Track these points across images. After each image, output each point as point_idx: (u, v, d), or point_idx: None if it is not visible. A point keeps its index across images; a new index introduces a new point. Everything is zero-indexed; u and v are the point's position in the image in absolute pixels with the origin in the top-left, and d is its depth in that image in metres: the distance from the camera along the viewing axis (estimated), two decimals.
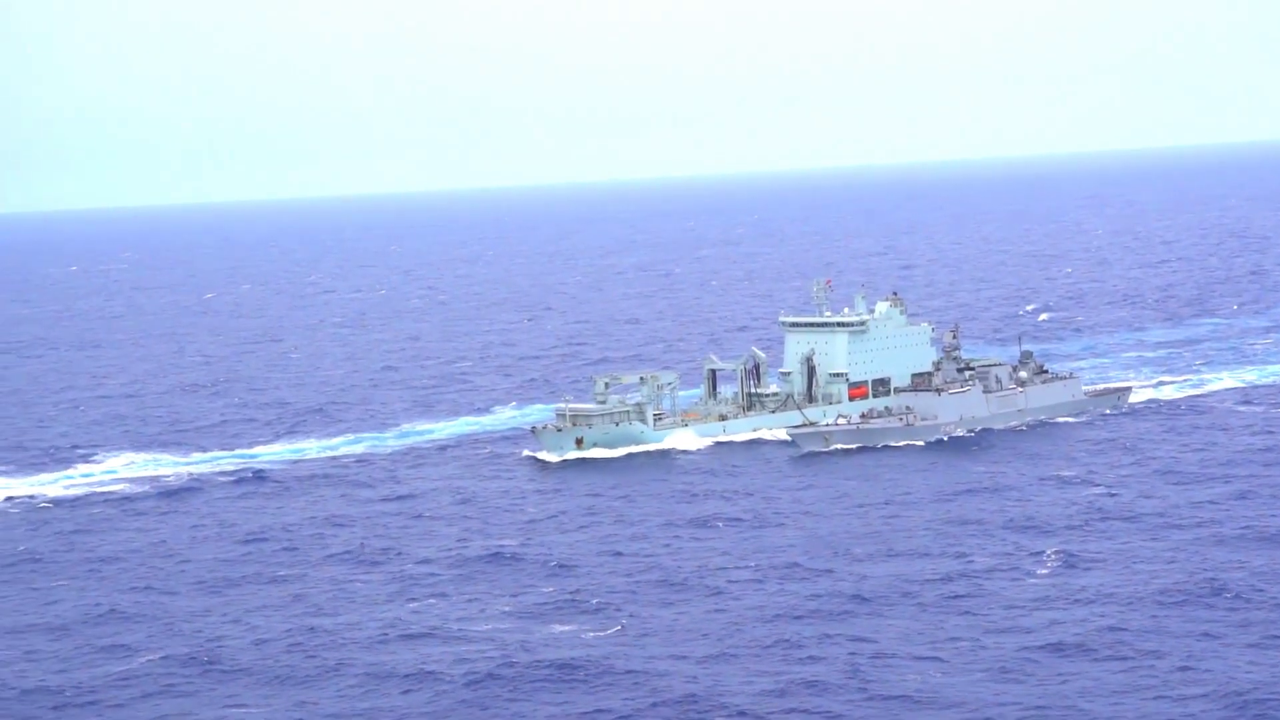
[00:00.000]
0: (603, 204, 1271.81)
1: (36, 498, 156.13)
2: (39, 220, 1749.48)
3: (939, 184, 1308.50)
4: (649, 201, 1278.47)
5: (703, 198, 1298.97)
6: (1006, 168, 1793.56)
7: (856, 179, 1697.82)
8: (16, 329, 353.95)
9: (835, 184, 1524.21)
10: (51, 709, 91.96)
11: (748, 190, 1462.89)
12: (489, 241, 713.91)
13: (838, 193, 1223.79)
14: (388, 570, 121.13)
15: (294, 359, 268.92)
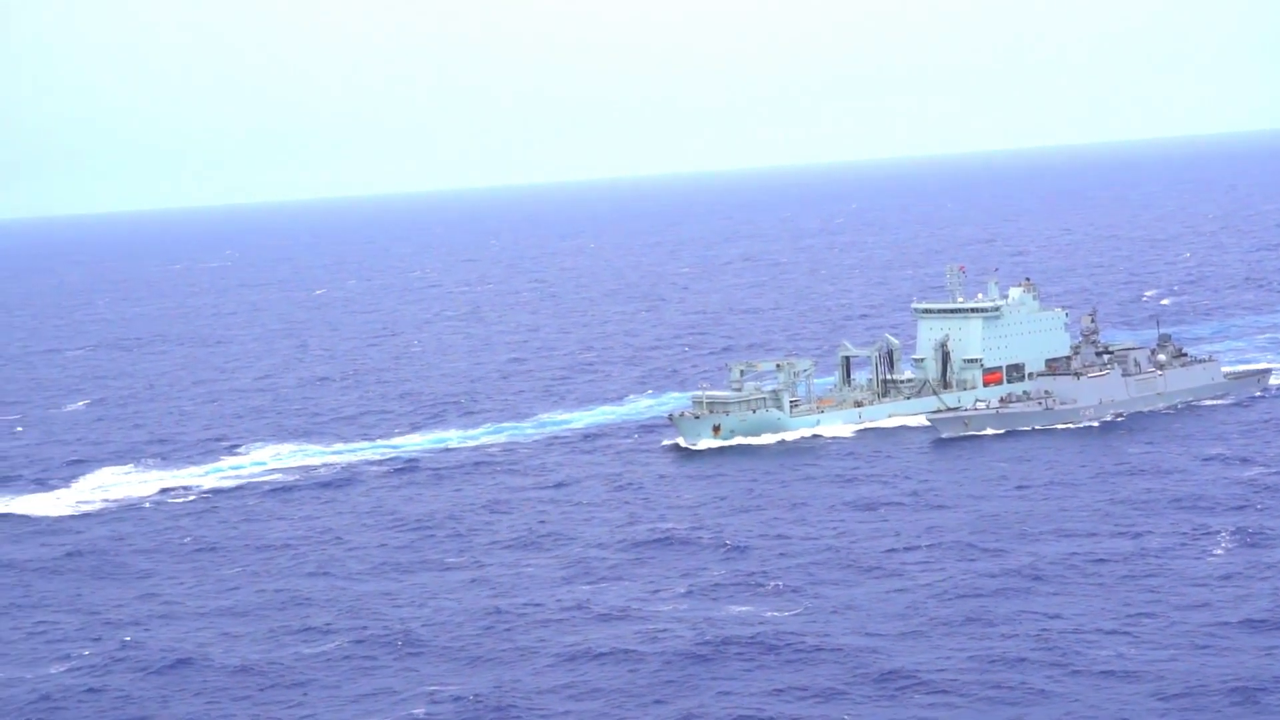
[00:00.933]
0: (692, 196, 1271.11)
1: (192, 489, 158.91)
2: (110, 221, 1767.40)
3: (1023, 171, 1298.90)
4: (740, 193, 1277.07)
5: (790, 189, 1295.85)
6: (1087, 154, 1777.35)
7: (942, 168, 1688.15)
8: (134, 326, 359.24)
9: (923, 173, 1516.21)
10: (259, 689, 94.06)
11: (837, 181, 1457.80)
12: (586, 234, 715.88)
13: (928, 181, 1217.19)
14: (559, 554, 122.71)
15: (416, 352, 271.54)
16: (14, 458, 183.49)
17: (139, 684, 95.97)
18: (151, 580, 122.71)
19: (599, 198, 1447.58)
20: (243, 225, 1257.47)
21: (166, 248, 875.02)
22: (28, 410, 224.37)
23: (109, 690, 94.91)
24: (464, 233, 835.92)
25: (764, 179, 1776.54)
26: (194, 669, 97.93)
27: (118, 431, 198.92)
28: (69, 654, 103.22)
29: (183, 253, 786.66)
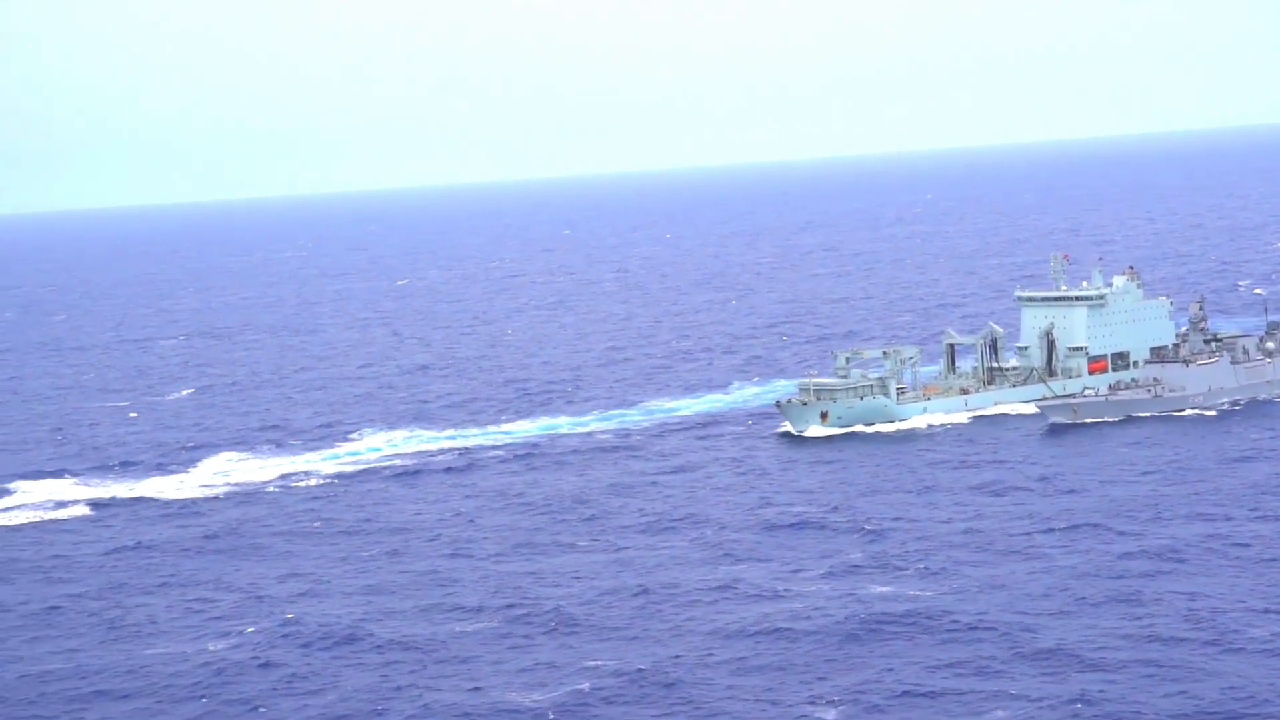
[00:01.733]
0: (759, 186, 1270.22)
1: (312, 474, 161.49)
2: (171, 214, 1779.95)
3: (1092, 161, 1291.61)
4: (808, 183, 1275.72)
5: (858, 179, 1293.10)
6: (1151, 143, 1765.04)
7: (1007, 157, 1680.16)
8: (223, 316, 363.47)
9: (987, 162, 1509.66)
10: (424, 664, 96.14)
11: (905, 171, 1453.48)
12: (658, 225, 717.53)
13: (996, 171, 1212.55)
14: (694, 537, 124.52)
15: (511, 340, 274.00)
16: (131, 443, 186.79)
17: (307, 658, 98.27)
18: (293, 560, 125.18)
19: (662, 189, 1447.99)
20: (301, 217, 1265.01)
21: (235, 239, 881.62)
22: (135, 397, 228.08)
23: (280, 665, 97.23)
24: (535, 223, 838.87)
25: (829, 169, 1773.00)
26: (357, 645, 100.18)
27: (228, 418, 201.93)
28: (230, 630, 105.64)
29: (253, 244, 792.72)
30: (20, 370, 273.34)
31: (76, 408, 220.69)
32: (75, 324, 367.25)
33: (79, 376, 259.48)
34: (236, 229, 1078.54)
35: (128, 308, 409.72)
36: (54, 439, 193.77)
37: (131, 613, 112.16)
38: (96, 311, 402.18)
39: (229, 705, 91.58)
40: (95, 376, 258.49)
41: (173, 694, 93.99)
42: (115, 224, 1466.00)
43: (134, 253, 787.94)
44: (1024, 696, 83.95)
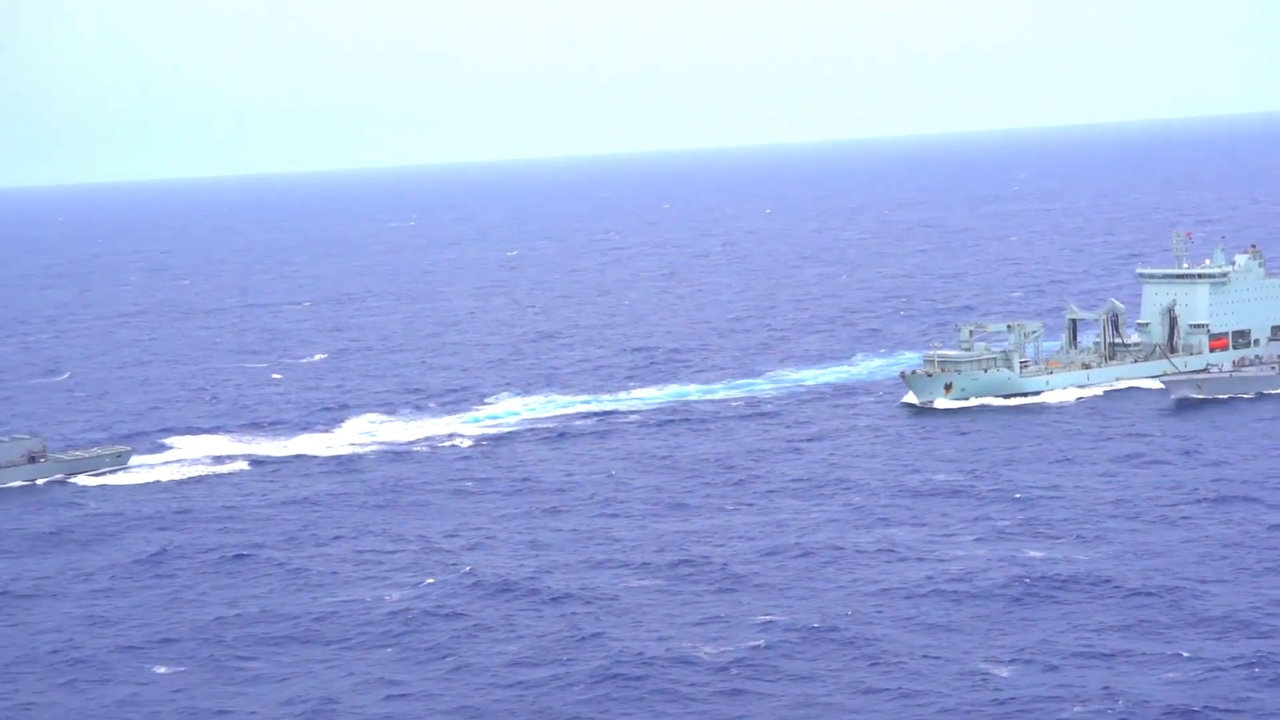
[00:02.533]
0: (849, 163, 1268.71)
1: (455, 435, 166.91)
2: (267, 183, 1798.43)
3: (1185, 140, 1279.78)
4: (899, 161, 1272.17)
5: (947, 157, 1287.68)
6: (1247, 123, 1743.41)
7: (1100, 137, 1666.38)
8: (344, 283, 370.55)
9: (1078, 141, 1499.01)
10: (601, 614, 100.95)
11: (996, 149, 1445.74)
12: (756, 199, 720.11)
13: (1088, 150, 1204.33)
14: (842, 500, 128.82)
15: (629, 310, 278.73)
16: (277, 403, 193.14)
17: (488, 609, 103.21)
18: (457, 516, 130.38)
19: (750, 165, 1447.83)
20: (405, 189, 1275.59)
21: (344, 209, 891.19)
22: (273, 359, 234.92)
23: (463, 614, 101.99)
24: (631, 198, 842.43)
25: (916, 148, 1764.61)
26: (535, 597, 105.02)
27: (365, 381, 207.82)
28: (408, 581, 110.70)
29: (361, 214, 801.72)
30: (157, 332, 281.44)
31: (218, 368, 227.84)
32: (201, 289, 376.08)
33: (215, 338, 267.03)
34: (345, 199, 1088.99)
35: (249, 274, 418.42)
36: (201, 398, 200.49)
37: (312, 562, 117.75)
38: (220, 277, 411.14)
39: (418, 653, 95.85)
40: (232, 339, 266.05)
41: (364, 642, 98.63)
42: (223, 193, 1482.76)
43: (245, 221, 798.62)
44: (1198, 658, 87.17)
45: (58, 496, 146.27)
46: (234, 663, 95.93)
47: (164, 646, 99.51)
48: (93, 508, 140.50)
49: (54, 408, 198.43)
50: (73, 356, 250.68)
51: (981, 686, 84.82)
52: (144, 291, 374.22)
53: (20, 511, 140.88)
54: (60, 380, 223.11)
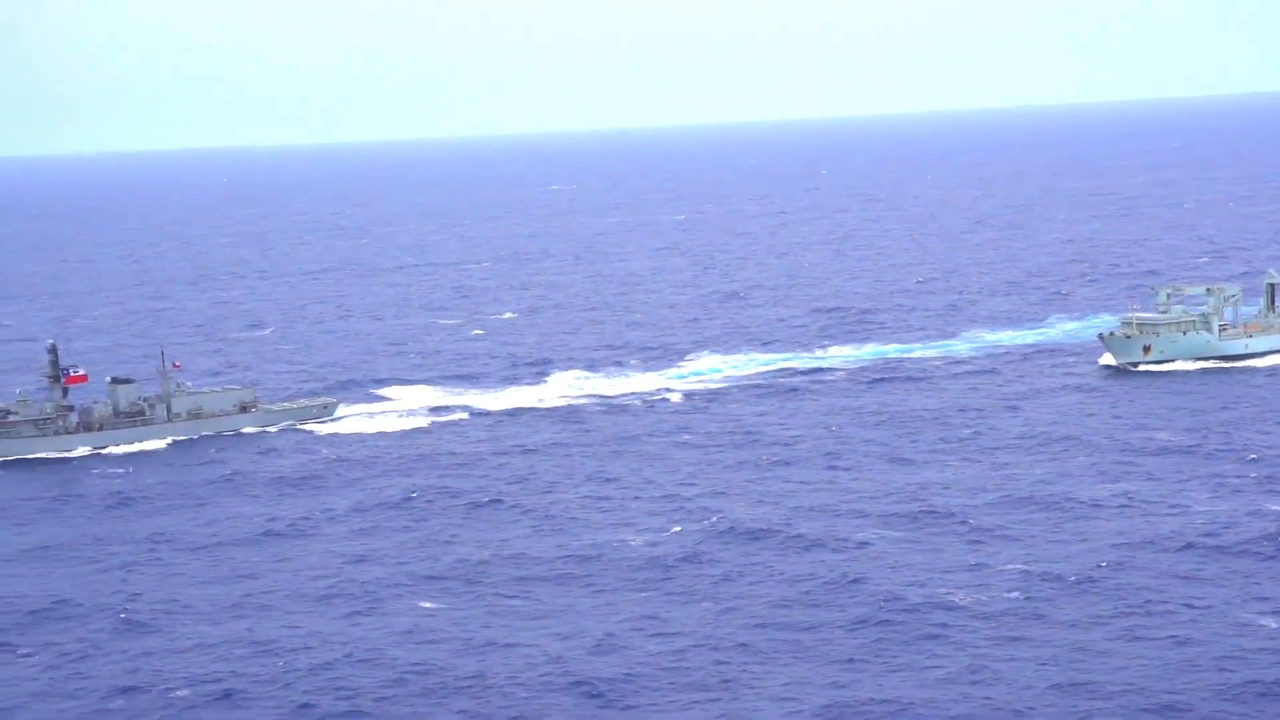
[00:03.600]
0: (985, 133, 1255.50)
1: (662, 390, 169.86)
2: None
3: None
4: (1034, 131, 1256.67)
5: (1087, 127, 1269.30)
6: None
7: (1237, 106, 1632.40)
8: (519, 243, 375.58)
9: (1224, 111, 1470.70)
10: (859, 561, 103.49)
11: (1129, 120, 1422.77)
12: (915, 166, 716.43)
13: (1232, 120, 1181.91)
14: (1068, 455, 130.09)
15: (810, 272, 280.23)
16: (480, 357, 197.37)
17: (741, 554, 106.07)
18: (686, 467, 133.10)
19: (895, 132, 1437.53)
20: (552, 154, 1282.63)
21: (497, 174, 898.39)
22: (466, 315, 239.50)
23: (716, 559, 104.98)
24: (783, 164, 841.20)
25: (1051, 117, 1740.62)
26: (789, 545, 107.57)
27: (563, 338, 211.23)
28: (656, 527, 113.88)
29: (513, 179, 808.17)
30: (346, 289, 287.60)
31: (414, 323, 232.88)
32: (379, 248, 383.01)
33: (403, 295, 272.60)
34: (493, 164, 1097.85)
35: (421, 234, 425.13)
36: (403, 351, 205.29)
37: (555, 508, 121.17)
38: (394, 237, 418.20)
39: (681, 595, 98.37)
40: (421, 295, 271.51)
41: (626, 583, 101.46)
42: (372, 158, 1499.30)
43: (401, 185, 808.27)
44: None
45: (290, 443, 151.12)
46: (499, 600, 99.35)
47: (428, 584, 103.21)
48: (325, 454, 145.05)
49: (262, 359, 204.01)
50: (271, 311, 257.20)
51: (1252, 634, 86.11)
52: (324, 250, 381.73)
53: (256, 457, 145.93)
54: (264, 334, 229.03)
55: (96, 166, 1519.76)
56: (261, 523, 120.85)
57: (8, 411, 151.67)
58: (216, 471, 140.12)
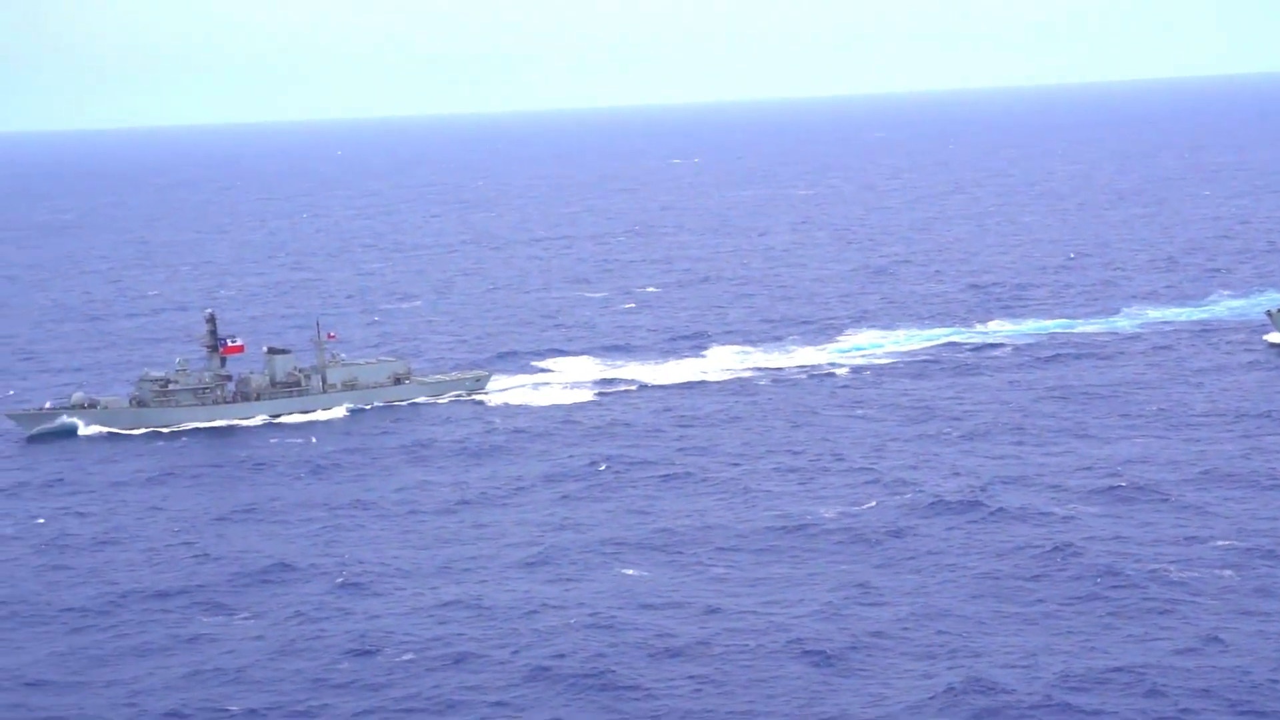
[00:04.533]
0: (1086, 109, 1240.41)
1: (827, 365, 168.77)
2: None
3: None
4: (1129, 107, 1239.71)
5: (1194, 102, 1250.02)
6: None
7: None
8: (652, 217, 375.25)
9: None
10: (1065, 532, 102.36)
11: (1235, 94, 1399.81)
12: (1033, 141, 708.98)
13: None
14: (1270, 435, 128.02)
15: (957, 246, 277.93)
16: (636, 330, 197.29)
17: (930, 523, 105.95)
18: (869, 438, 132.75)
19: (1009, 106, 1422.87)
20: (671, 127, 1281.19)
21: (612, 147, 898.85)
22: (615, 289, 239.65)
23: (914, 531, 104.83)
24: (908, 137, 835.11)
25: (1189, 90, 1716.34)
26: (988, 515, 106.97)
27: (716, 312, 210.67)
28: (852, 498, 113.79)
29: (632, 152, 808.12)
30: (484, 261, 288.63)
31: (559, 297, 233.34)
32: (511, 220, 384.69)
33: (545, 268, 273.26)
34: (607, 138, 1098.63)
35: (552, 206, 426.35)
36: (555, 324, 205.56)
37: (745, 478, 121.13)
38: (525, 209, 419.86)
39: (883, 569, 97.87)
40: (564, 268, 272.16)
41: (829, 555, 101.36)
42: (479, 130, 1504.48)
43: (515, 159, 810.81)
44: None
45: (465, 414, 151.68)
46: (706, 569, 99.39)
47: (634, 552, 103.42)
48: (500, 424, 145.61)
49: (414, 331, 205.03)
50: (415, 282, 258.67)
51: None
52: (457, 223, 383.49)
53: (432, 427, 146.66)
54: (413, 306, 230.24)
55: (207, 138, 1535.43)
56: (452, 491, 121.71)
57: (168, 380, 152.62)
58: (396, 441, 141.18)
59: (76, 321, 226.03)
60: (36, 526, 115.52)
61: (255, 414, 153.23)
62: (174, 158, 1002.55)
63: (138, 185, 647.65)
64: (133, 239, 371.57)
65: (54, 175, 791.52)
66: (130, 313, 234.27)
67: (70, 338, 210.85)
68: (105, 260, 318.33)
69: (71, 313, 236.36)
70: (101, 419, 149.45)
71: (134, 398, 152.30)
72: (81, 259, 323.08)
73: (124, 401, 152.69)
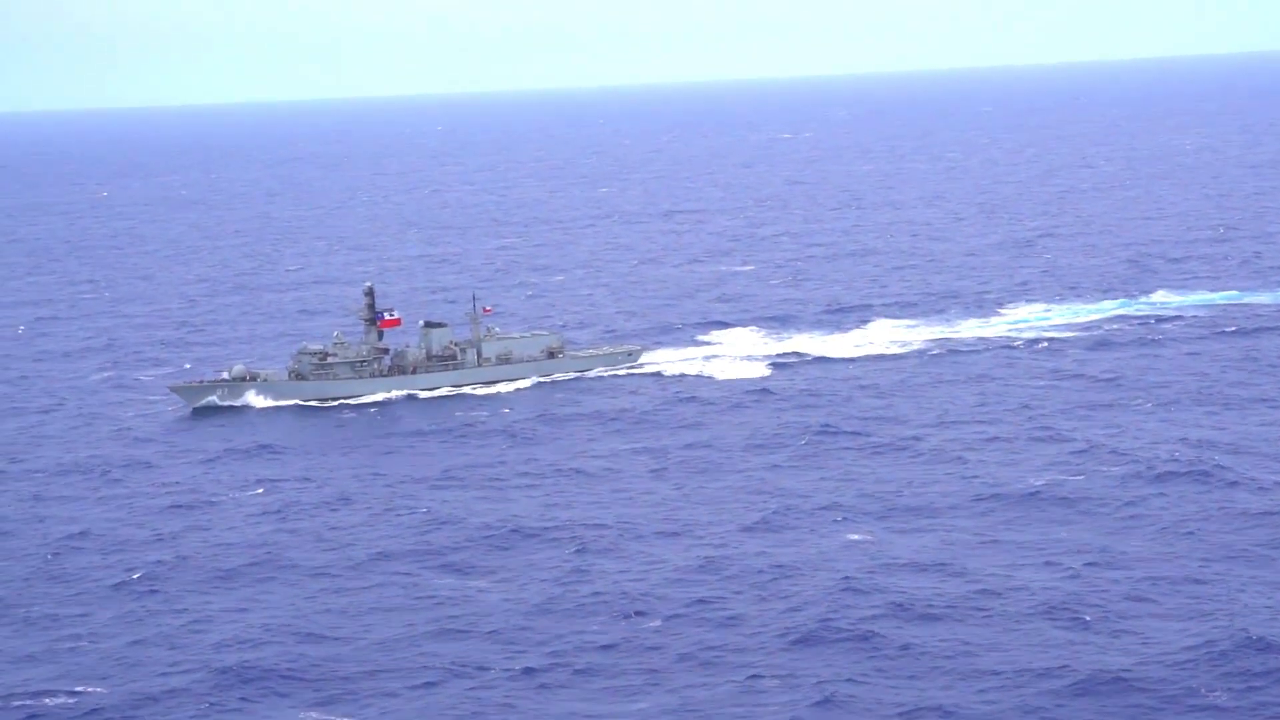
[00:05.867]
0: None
1: (1002, 338, 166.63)
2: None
3: None
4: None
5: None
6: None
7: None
8: (783, 190, 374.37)
9: None
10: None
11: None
12: (1154, 114, 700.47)
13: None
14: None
15: (1102, 217, 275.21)
16: (791, 301, 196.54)
17: (1152, 489, 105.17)
18: (1063, 408, 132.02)
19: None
20: (747, 102, 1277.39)
21: (713, 120, 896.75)
22: (760, 261, 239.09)
23: (1132, 494, 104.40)
24: (1022, 111, 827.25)
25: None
26: (1214, 483, 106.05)
27: (869, 284, 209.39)
28: (1077, 466, 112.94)
29: (733, 125, 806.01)
30: (618, 237, 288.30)
31: (705, 270, 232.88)
32: (633, 195, 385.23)
33: (682, 242, 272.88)
34: (709, 112, 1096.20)
35: (675, 181, 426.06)
36: (710, 296, 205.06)
37: (952, 445, 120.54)
38: (646, 184, 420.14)
39: (1114, 535, 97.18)
40: (700, 242, 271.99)
41: (1052, 520, 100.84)
42: (568, 106, 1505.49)
43: (627, 131, 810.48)
44: None
45: (648, 385, 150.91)
46: (926, 533, 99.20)
47: (855, 516, 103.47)
48: (683, 395, 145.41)
49: (564, 305, 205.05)
50: (556, 256, 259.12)
51: None
52: (581, 198, 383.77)
53: (614, 398, 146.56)
54: (559, 280, 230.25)
55: (279, 114, 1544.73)
56: (655, 458, 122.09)
57: (326, 353, 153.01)
58: (584, 410, 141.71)
59: (224, 296, 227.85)
60: (256, 495, 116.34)
61: (411, 387, 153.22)
62: (256, 134, 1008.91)
63: (246, 161, 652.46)
64: (258, 214, 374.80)
65: (156, 151, 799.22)
66: (276, 286, 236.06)
67: (222, 311, 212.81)
68: (239, 235, 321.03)
69: (219, 286, 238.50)
70: (261, 391, 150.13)
71: (292, 370, 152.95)
72: (214, 233, 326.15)
73: (283, 374, 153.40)
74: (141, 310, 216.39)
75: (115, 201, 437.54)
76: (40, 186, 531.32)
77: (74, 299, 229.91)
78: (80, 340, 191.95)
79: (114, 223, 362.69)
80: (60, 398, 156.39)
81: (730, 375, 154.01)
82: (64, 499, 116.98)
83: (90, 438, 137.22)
